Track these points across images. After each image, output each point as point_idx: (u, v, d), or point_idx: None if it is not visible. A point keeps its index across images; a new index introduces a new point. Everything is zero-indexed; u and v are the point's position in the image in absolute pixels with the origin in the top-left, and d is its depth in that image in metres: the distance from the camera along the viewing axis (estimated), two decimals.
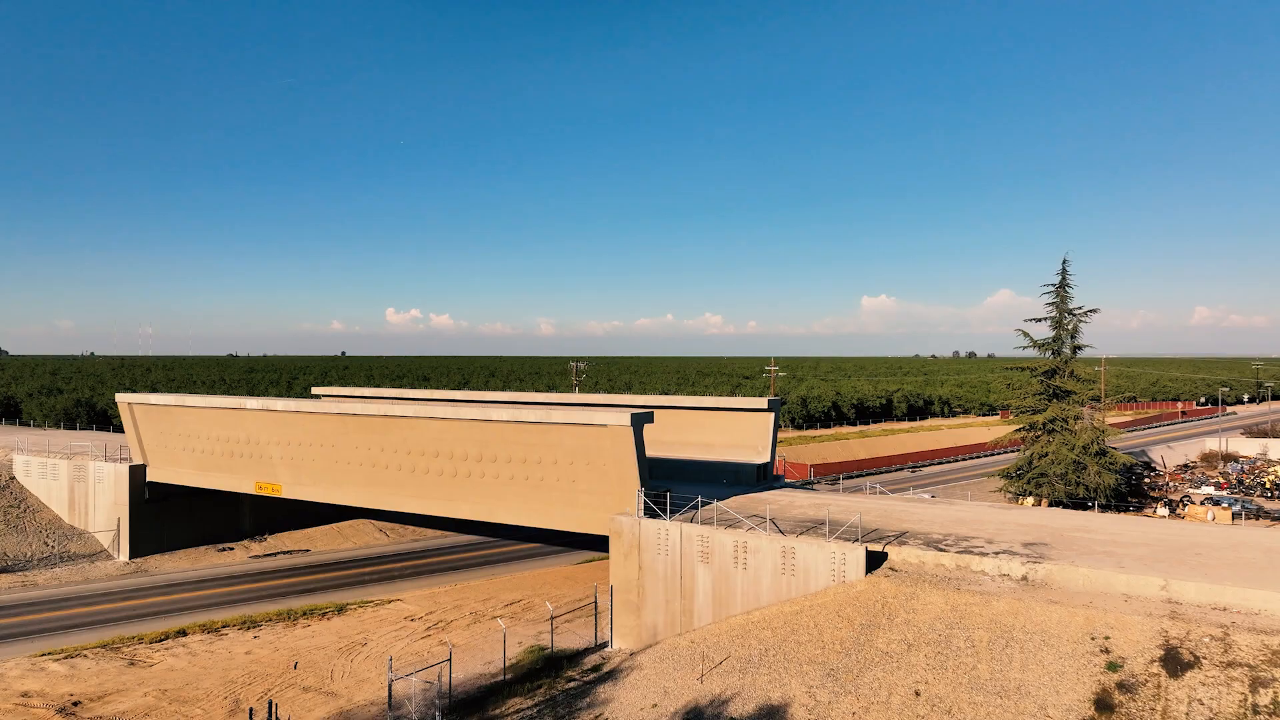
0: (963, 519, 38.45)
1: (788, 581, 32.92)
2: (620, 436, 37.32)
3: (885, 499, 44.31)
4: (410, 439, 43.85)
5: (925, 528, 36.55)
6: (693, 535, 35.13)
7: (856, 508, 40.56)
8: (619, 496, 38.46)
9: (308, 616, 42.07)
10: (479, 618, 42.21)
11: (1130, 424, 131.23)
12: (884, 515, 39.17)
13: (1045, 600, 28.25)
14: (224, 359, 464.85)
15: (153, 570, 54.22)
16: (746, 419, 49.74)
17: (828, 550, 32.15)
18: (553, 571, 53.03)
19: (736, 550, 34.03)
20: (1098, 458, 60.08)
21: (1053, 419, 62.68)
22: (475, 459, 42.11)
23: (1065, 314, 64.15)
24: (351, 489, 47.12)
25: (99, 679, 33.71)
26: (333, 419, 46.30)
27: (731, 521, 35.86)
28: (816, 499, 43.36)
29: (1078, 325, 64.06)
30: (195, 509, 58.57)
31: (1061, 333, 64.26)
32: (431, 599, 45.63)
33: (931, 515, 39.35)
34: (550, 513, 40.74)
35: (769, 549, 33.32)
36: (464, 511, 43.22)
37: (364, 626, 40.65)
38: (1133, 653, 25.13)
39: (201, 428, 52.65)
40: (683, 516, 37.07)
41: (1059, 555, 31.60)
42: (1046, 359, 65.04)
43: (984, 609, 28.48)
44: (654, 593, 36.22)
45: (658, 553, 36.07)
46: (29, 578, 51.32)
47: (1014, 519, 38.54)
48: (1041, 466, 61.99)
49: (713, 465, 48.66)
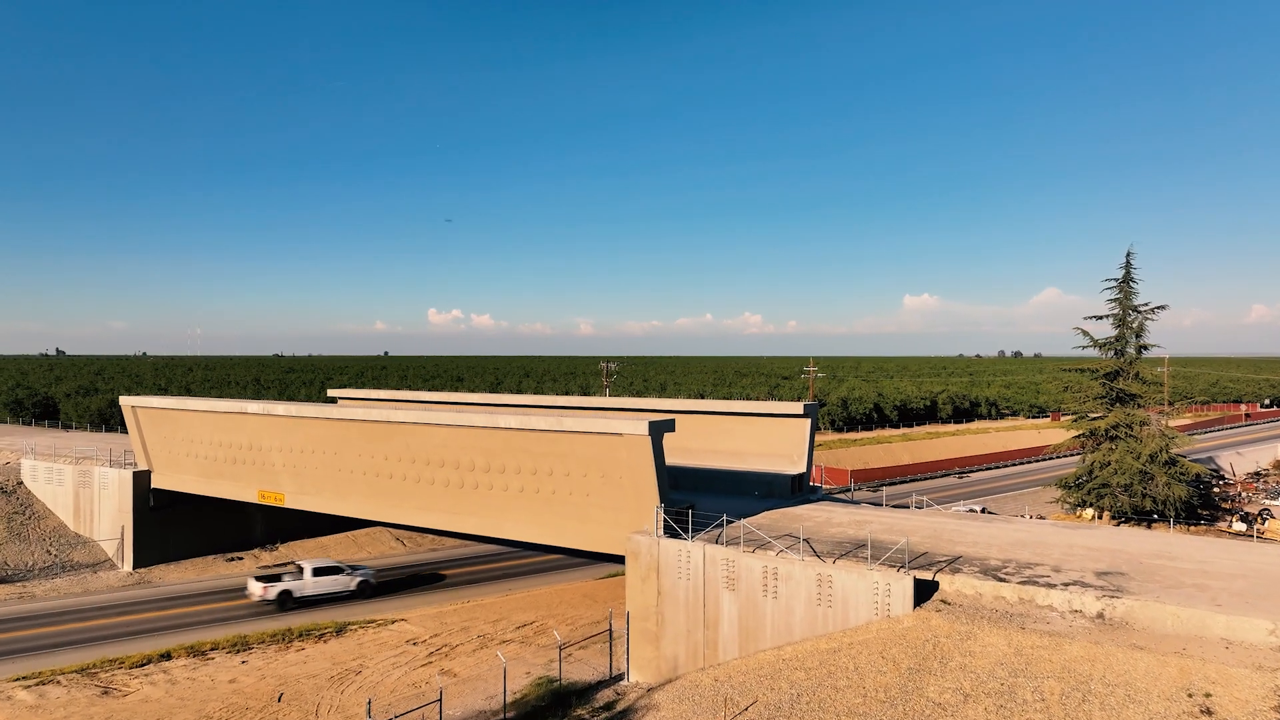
0: (1023, 541, 34.15)
1: (824, 613, 29.01)
2: (637, 447, 33.68)
3: (934, 515, 40.10)
4: (414, 447, 40.65)
5: (981, 551, 32.35)
6: (717, 558, 31.38)
7: (902, 526, 36.46)
8: (636, 512, 34.83)
9: (303, 638, 39.06)
10: (487, 641, 38.84)
11: (1190, 427, 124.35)
12: (933, 535, 35.02)
13: (1128, 645, 24.03)
14: (267, 359, 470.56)
15: (155, 581, 51.81)
16: (780, 425, 45.81)
17: (870, 579, 28.19)
18: (572, 588, 49.54)
19: (766, 576, 30.19)
20: (1166, 467, 55.00)
21: (1116, 425, 57.68)
22: (482, 469, 38.76)
23: (1129, 311, 59.06)
24: (355, 499, 44.11)
25: (65, 711, 30.88)
26: (334, 424, 43.31)
27: (761, 543, 32.03)
28: (857, 515, 39.31)
29: (1143, 323, 58.95)
30: (203, 517, 56.10)
31: (1125, 331, 59.19)
32: (439, 619, 42.39)
33: (988, 536, 35.11)
34: (562, 529, 37.25)
35: (802, 576, 29.44)
36: (470, 526, 39.92)
37: (361, 651, 37.50)
38: (1241, 715, 20.86)
39: (204, 432, 50.09)
40: (707, 536, 33.33)
41: (1140, 588, 27.28)
42: (1108, 359, 60.02)
43: (1054, 653, 24.33)
44: (674, 621, 32.53)
45: (678, 576, 32.38)
46: (28, 588, 49.18)
47: (1082, 541, 34.14)
48: (1103, 476, 57.04)
49: (743, 476, 44.82)
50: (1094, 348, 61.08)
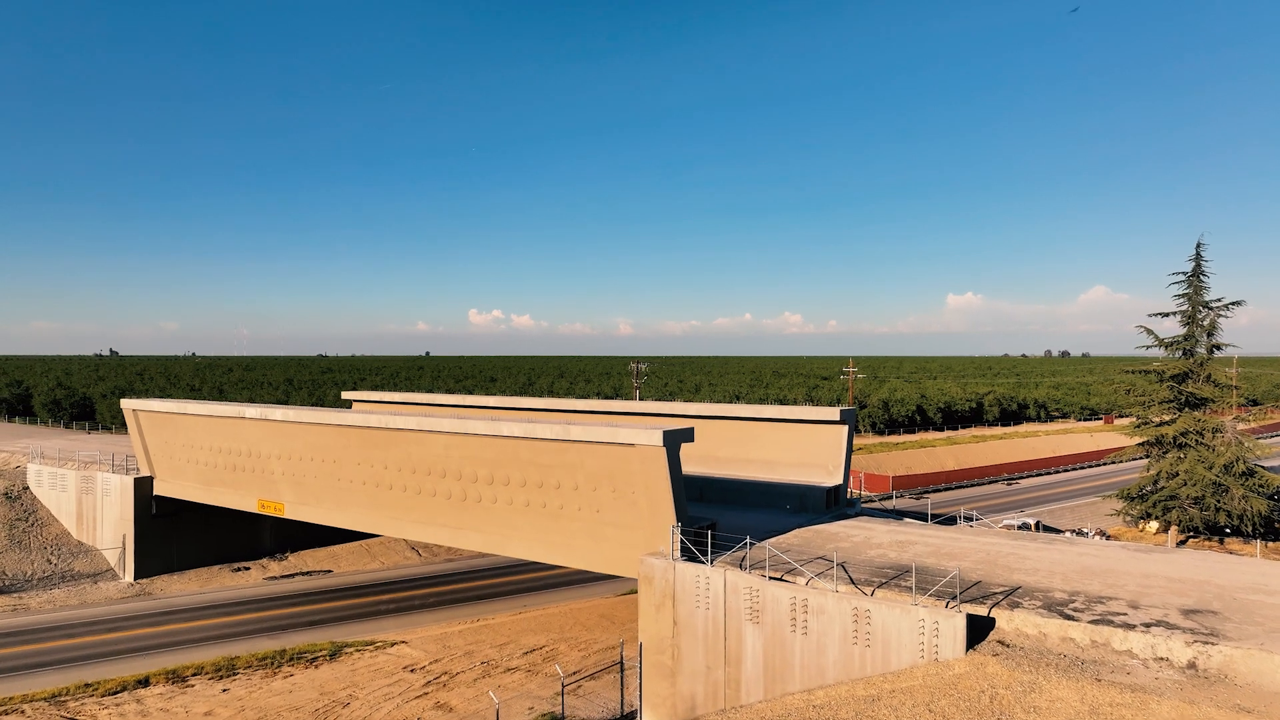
0: (1092, 568, 29.96)
1: (861, 654, 25.23)
2: (650, 459, 30.15)
3: (987, 535, 35.96)
4: (414, 455, 37.54)
5: (1044, 580, 28.27)
6: (739, 586, 27.74)
7: (950, 549, 32.45)
8: (650, 531, 31.31)
9: (294, 662, 36.14)
10: (490, 669, 35.58)
11: (1255, 431, 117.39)
12: (987, 560, 30.97)
13: (1231, 706, 19.93)
14: (309, 359, 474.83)
15: (157, 593, 49.47)
16: (815, 432, 41.98)
17: (914, 616, 24.36)
18: (589, 606, 46.16)
19: (794, 609, 26.49)
20: (1243, 479, 49.99)
21: (1184, 431, 52.73)
22: (485, 481, 35.51)
23: (1199, 307, 54.01)
24: (354, 511, 41.18)
25: None
26: (331, 430, 40.40)
27: (789, 568, 28.31)
28: (899, 534, 35.35)
29: (1215, 321, 53.88)
30: (210, 525, 53.72)
31: (1195, 329, 54.15)
32: (442, 641, 39.24)
33: (1050, 561, 30.97)
34: (570, 548, 33.84)
35: (836, 610, 25.69)
36: (473, 542, 36.70)
37: (354, 679, 34.44)
38: None
39: (203, 437, 47.58)
40: (730, 558, 29.70)
41: (1238, 631, 23.09)
42: (1176, 360, 55.01)
43: (1139, 714, 20.32)
44: (691, 655, 28.95)
45: (696, 606, 28.80)
46: (24, 600, 47.09)
47: (1161, 570, 29.85)
48: (1171, 488, 52.15)
49: (774, 488, 41.07)
50: (1159, 347, 56.11)
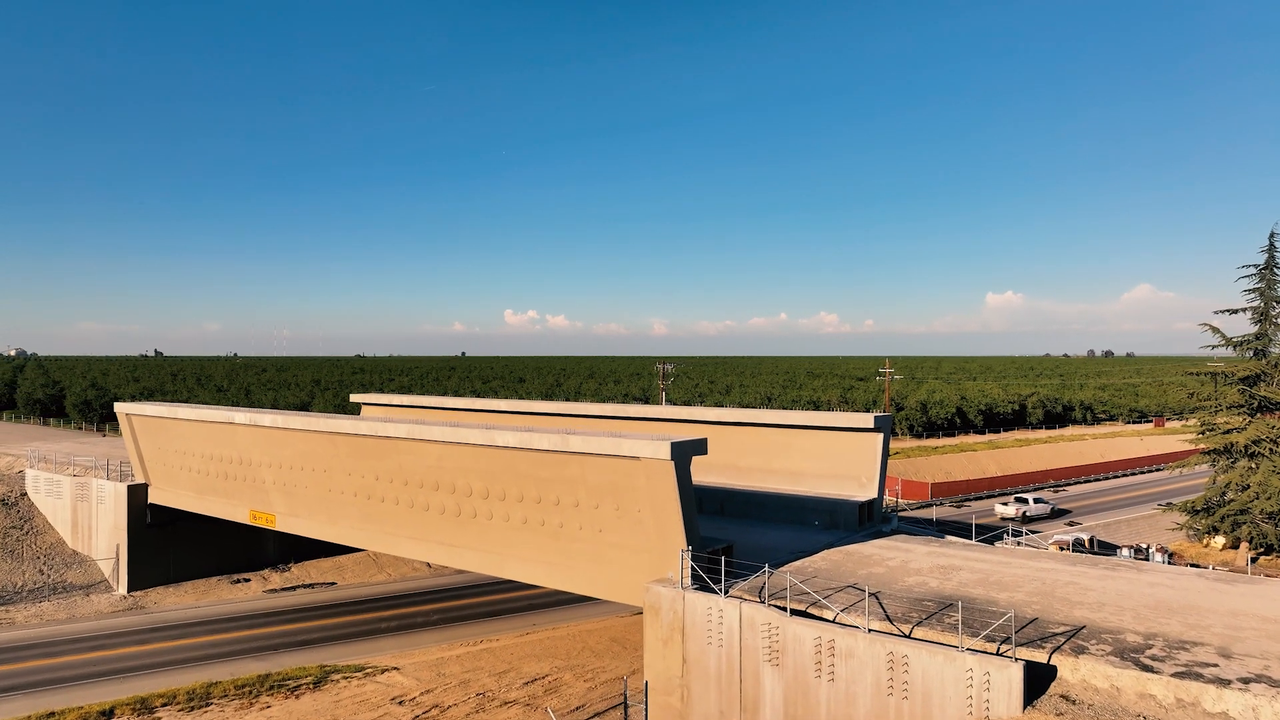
0: (1167, 603, 25.91)
1: (897, 708, 21.55)
2: (656, 473, 26.70)
3: (1040, 559, 31.92)
4: (407, 466, 34.46)
5: (1111, 618, 24.29)
6: (756, 621, 24.19)
7: (1000, 576, 28.56)
8: (659, 554, 27.86)
9: (274, 691, 33.22)
10: (486, 702, 32.34)
11: None
12: (1043, 591, 27.04)
13: None
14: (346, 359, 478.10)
15: (150, 607, 47.04)
16: (847, 441, 38.23)
17: (961, 665, 20.64)
18: (600, 627, 42.82)
19: (820, 651, 22.88)
20: None
21: (1258, 439, 48.02)
22: (481, 495, 32.31)
23: (1274, 303, 49.26)
24: (345, 525, 38.25)
25: None
26: (322, 438, 37.49)
27: (813, 600, 24.69)
28: (941, 556, 31.51)
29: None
30: (209, 533, 51.16)
31: (1268, 327, 49.41)
32: (437, 668, 36.11)
33: (1116, 593, 26.96)
34: (571, 571, 30.49)
35: (868, 654, 22.04)
36: (469, 561, 33.52)
37: (335, 711, 31.39)
38: None
39: (195, 444, 45.02)
40: (748, 586, 26.18)
41: None
42: (1247, 360, 50.29)
43: None
44: (703, 698, 25.46)
45: (708, 642, 25.30)
46: (10, 613, 44.88)
47: (1251, 606, 25.71)
48: (1241, 501, 47.51)
49: (801, 501, 37.43)
50: (1226, 346, 51.39)
